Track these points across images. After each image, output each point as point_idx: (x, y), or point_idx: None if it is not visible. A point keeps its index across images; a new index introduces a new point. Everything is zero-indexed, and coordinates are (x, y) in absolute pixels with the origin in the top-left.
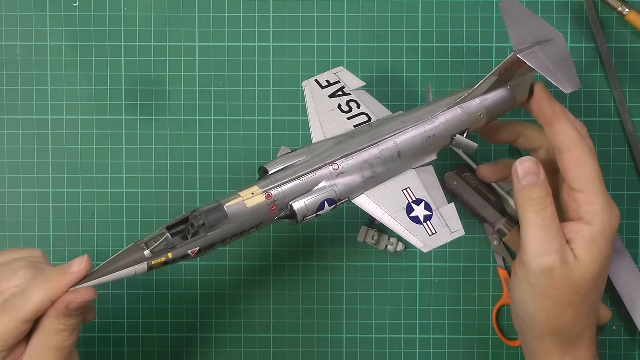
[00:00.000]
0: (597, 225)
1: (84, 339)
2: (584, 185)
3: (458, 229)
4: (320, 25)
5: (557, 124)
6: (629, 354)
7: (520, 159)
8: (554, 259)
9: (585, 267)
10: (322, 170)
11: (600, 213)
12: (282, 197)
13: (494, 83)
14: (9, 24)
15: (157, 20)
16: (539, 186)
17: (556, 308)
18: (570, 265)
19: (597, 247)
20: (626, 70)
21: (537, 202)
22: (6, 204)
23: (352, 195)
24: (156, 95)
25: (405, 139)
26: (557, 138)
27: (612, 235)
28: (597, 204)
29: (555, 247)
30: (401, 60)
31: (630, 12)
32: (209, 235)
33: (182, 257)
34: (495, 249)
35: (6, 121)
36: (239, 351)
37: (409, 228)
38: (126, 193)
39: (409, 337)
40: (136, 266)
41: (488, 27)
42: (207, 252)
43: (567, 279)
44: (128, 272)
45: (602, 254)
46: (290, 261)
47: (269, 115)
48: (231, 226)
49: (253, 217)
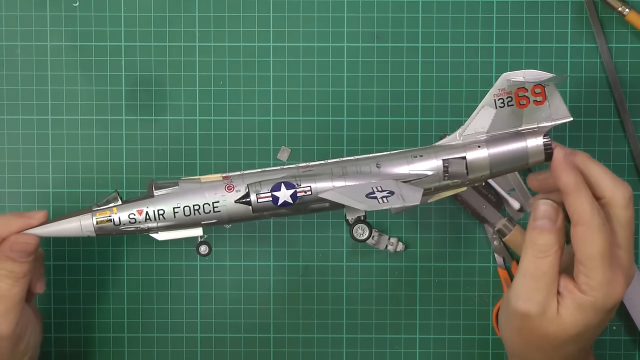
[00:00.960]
0: (589, 297)
1: (84, 338)
2: (584, 260)
3: (413, 200)
4: (320, 25)
5: (570, 197)
6: (629, 354)
7: (543, 200)
8: (532, 307)
9: (562, 326)
10: (290, 168)
11: (595, 288)
12: (240, 179)
13: (497, 120)
14: (9, 24)
15: (157, 20)
16: (549, 233)
17: (525, 345)
18: (548, 318)
19: (583, 315)
20: (626, 70)
21: (538, 248)
22: (6, 204)
23: (317, 190)
24: (156, 95)
25: (387, 155)
26: (569, 211)
27: (604, 309)
28: (594, 280)
29: (537, 298)
30: (401, 60)
31: (630, 12)
32: (155, 197)
33: (129, 216)
34: (495, 249)
35: (6, 121)
36: (239, 351)
37: (361, 200)
38: (126, 193)
39: (409, 337)
40: (81, 216)
41: (488, 27)
42: (159, 224)
43: (540, 328)
44: (73, 225)
45: (587, 322)
46: (290, 261)
47: (269, 115)
48: (181, 193)
49: (205, 190)
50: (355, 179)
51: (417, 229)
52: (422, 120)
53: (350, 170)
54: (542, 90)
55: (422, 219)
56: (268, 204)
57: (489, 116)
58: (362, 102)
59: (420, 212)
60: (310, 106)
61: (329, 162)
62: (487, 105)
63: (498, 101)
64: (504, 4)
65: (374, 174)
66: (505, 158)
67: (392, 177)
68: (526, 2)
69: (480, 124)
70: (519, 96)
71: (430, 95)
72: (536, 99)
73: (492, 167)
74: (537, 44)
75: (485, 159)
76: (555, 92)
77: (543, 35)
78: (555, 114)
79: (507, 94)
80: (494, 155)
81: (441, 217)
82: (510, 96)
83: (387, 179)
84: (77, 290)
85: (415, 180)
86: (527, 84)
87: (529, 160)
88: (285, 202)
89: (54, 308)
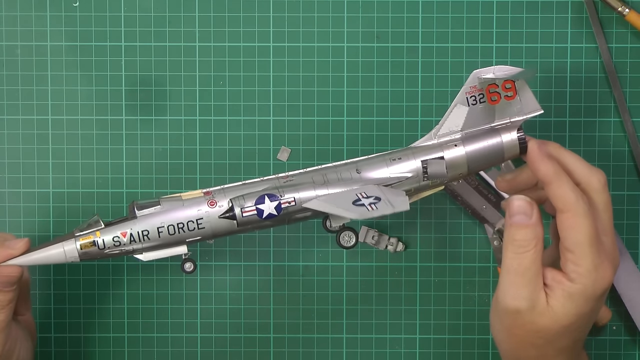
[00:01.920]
0: (579, 285)
1: (84, 338)
2: (571, 246)
3: (402, 206)
4: (320, 25)
5: (550, 186)
6: (629, 354)
7: (516, 196)
8: (521, 303)
9: (554, 317)
10: (271, 179)
11: (584, 275)
12: (222, 194)
13: (471, 117)
14: (9, 24)
15: (157, 20)
16: (526, 227)
17: (519, 344)
18: (538, 312)
19: (574, 304)
20: (626, 70)
21: (518, 243)
22: (6, 204)
23: (301, 200)
24: (156, 95)
25: (366, 159)
26: (552, 199)
27: (594, 296)
28: (582, 266)
29: (524, 294)
30: (401, 60)
31: (630, 12)
32: (138, 218)
33: (113, 239)
34: (495, 249)
35: (6, 121)
36: (239, 351)
37: (348, 209)
38: (126, 193)
39: (409, 337)
40: (64, 242)
41: (488, 27)
42: (144, 245)
43: (532, 324)
44: (57, 252)
45: (578, 310)
46: (290, 261)
47: (269, 115)
48: (164, 213)
49: (188, 207)
50: (337, 186)
51: (417, 229)
52: (422, 120)
53: (331, 178)
54: (513, 85)
55: (422, 219)
56: (253, 218)
57: (462, 114)
58: (362, 102)
59: (420, 212)
60: (310, 106)
61: (308, 170)
62: (459, 104)
63: (470, 99)
64: (504, 4)
65: (355, 180)
66: (481, 154)
67: (374, 182)
68: (526, 2)
69: (454, 122)
70: (490, 92)
71: (430, 95)
72: (507, 94)
73: (470, 164)
74: (537, 44)
75: (463, 157)
76: (525, 87)
77: (543, 35)
78: (526, 107)
79: (479, 90)
80: (470, 153)
81: (441, 217)
82: (481, 93)
83: (370, 184)
84: (77, 290)
85: (396, 183)
86: (497, 80)
87: (505, 155)
88: (270, 214)
89: (54, 308)
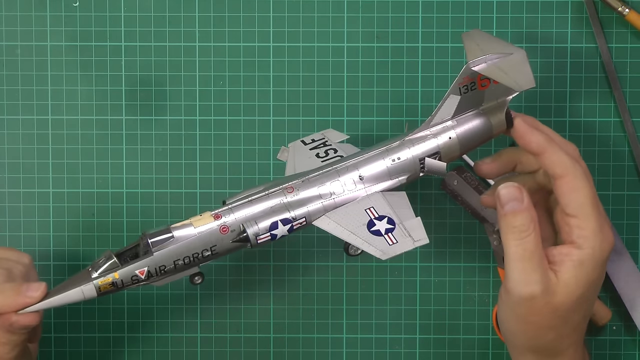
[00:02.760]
0: (587, 249)
1: (84, 338)
2: (575, 210)
3: (421, 238)
4: (320, 25)
5: (545, 154)
6: (629, 354)
7: (504, 184)
8: (535, 288)
9: (568, 290)
10: (276, 193)
11: (591, 237)
12: (234, 219)
13: (462, 104)
14: (9, 24)
15: (157, 20)
16: (522, 212)
17: (537, 331)
18: (552, 291)
19: (584, 271)
20: (626, 70)
21: (518, 229)
22: (6, 204)
23: (310, 217)
24: (156, 95)
25: (366, 161)
26: (548, 167)
27: (601, 260)
28: (588, 229)
29: (535, 278)
30: (401, 60)
31: (630, 12)
32: (155, 255)
33: (132, 278)
34: (495, 249)
35: (6, 121)
36: (239, 351)
37: (367, 240)
38: (126, 193)
39: (409, 337)
40: (83, 286)
41: (488, 27)
42: (160, 277)
43: (548, 305)
44: (76, 294)
45: (589, 277)
46: (290, 261)
47: (269, 115)
48: (179, 246)
49: (202, 238)
50: (343, 197)
51: None
52: (422, 120)
53: (336, 190)
54: None
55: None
56: (267, 241)
57: (454, 103)
58: (362, 102)
59: (420, 212)
60: (310, 106)
61: (310, 177)
62: (452, 95)
63: (462, 89)
64: (504, 4)
65: (359, 189)
66: (472, 135)
67: (376, 187)
68: (526, 2)
69: (446, 111)
70: (481, 79)
71: (430, 95)
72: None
73: (462, 146)
74: (537, 44)
75: (455, 140)
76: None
77: (543, 35)
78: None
79: (471, 80)
80: (461, 135)
81: (441, 217)
82: (473, 81)
83: (374, 195)
84: None
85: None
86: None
87: (494, 131)
88: (282, 235)
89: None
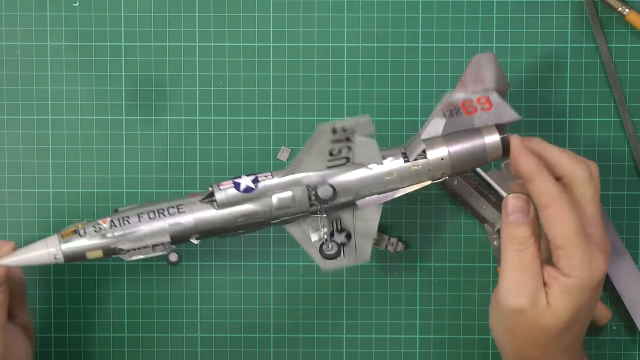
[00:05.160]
0: (574, 278)
1: (84, 338)
2: (561, 241)
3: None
4: (320, 25)
5: (533, 181)
6: (629, 354)
7: (512, 194)
8: (524, 301)
9: (555, 314)
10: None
11: (578, 267)
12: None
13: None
14: (9, 24)
15: (157, 20)
16: (524, 225)
17: (523, 344)
18: (540, 309)
19: (571, 297)
20: (626, 70)
21: (518, 241)
22: (6, 204)
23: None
24: (156, 95)
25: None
26: (535, 195)
27: (590, 286)
28: (575, 259)
29: (527, 290)
30: (401, 60)
31: (630, 12)
32: (119, 210)
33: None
34: (495, 249)
35: (6, 121)
36: (239, 351)
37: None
38: (126, 193)
39: (409, 337)
40: (47, 239)
41: (488, 27)
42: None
43: (535, 321)
44: (40, 248)
45: (576, 302)
46: (290, 261)
47: (269, 115)
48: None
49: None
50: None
51: (417, 229)
52: (422, 120)
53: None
54: (487, 99)
55: (422, 219)
56: (232, 193)
57: (440, 124)
58: (362, 102)
59: (420, 212)
60: (310, 106)
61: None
62: (436, 117)
63: (447, 112)
64: (504, 4)
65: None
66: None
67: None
68: (526, 2)
69: (433, 130)
70: (465, 106)
71: (430, 95)
72: (483, 106)
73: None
74: (537, 44)
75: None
76: (500, 100)
77: (543, 35)
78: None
79: (454, 106)
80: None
81: (441, 217)
82: (457, 107)
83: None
84: (77, 290)
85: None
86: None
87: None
88: (247, 187)
89: (54, 308)
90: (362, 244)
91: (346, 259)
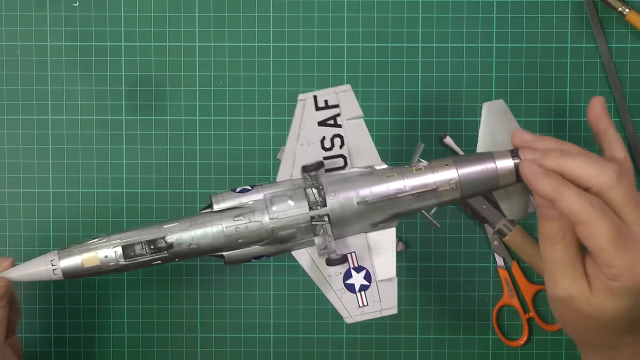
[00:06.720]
0: (619, 283)
1: (84, 338)
2: (598, 254)
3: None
4: (320, 25)
5: (555, 204)
6: None
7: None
8: (560, 292)
9: (601, 308)
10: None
11: (621, 274)
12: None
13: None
14: (9, 24)
15: (157, 20)
16: (551, 220)
17: (578, 328)
18: (583, 300)
19: (619, 299)
20: (626, 70)
21: (545, 236)
22: (6, 204)
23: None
24: (156, 95)
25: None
26: (564, 214)
27: (637, 288)
28: (615, 268)
29: (562, 284)
30: (401, 60)
31: (630, 12)
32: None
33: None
34: (495, 249)
35: (6, 121)
36: (239, 351)
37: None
38: (126, 193)
39: (409, 337)
40: (46, 254)
41: (488, 27)
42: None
43: (579, 311)
44: (39, 264)
45: (625, 303)
46: (290, 261)
47: (269, 115)
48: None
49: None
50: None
51: (417, 229)
52: (422, 120)
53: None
54: None
55: (422, 219)
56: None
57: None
58: (362, 102)
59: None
60: None
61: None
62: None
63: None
64: (504, 4)
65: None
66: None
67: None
68: (526, 2)
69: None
70: None
71: (430, 95)
72: None
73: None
74: (537, 44)
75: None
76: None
77: (543, 35)
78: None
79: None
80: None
81: (441, 217)
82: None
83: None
84: (77, 291)
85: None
86: None
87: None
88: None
89: (54, 308)
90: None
91: (370, 310)
